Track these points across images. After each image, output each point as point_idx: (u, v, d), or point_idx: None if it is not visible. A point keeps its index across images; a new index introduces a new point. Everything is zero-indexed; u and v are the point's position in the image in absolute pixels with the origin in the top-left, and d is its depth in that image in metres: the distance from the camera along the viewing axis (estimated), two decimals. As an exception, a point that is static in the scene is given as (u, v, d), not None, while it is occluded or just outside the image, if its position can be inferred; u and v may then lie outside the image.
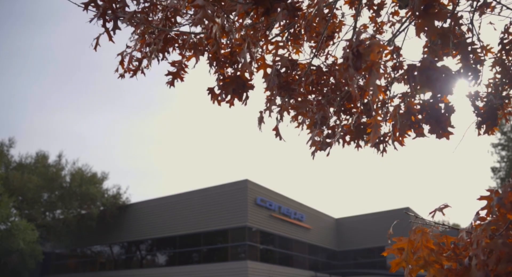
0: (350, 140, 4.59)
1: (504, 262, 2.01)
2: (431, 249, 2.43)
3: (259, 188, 23.78)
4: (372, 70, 1.90)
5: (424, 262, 2.42)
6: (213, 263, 23.07)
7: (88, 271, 29.70)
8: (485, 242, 2.22)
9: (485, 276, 2.10)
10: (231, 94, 3.44)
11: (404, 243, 2.56)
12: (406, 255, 2.48)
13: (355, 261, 31.61)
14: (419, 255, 2.41)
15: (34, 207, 26.55)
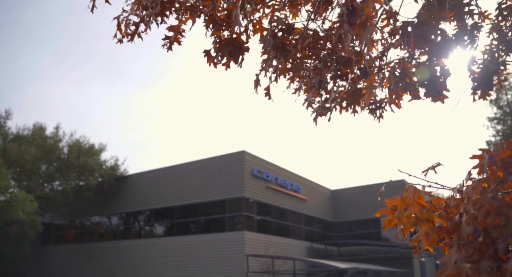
0: (347, 106, 4.61)
1: (493, 215, 2.03)
2: (423, 205, 2.45)
3: (256, 160, 23.89)
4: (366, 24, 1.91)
5: (416, 219, 2.45)
6: (210, 234, 23.35)
7: (87, 242, 30.08)
8: (475, 197, 2.25)
9: (474, 230, 2.12)
10: (227, 56, 3.44)
11: (396, 201, 2.58)
12: (399, 212, 2.51)
13: (350, 232, 32.03)
14: (411, 212, 2.44)
15: (33, 178, 26.67)
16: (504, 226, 1.98)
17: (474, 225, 2.14)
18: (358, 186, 32.05)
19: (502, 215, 2.02)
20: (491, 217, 2.04)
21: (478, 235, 2.06)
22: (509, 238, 1.94)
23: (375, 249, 27.90)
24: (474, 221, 2.15)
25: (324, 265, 20.51)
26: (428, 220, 2.44)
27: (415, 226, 2.51)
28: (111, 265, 27.40)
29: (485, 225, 2.07)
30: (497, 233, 1.99)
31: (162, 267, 24.55)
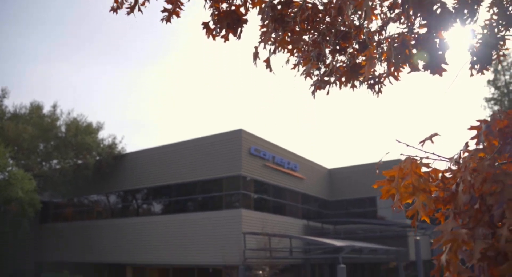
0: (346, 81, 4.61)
1: (490, 182, 2.05)
2: (420, 175, 2.47)
3: (253, 138, 23.92)
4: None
5: (413, 189, 2.46)
6: (208, 212, 23.50)
7: (85, 220, 30.28)
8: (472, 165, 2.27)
9: (470, 198, 2.14)
10: (225, 28, 3.42)
11: (394, 171, 2.59)
12: (396, 182, 2.52)
13: (347, 211, 32.28)
14: (408, 181, 2.46)
15: (31, 157, 26.68)
16: (500, 193, 2.00)
17: (470, 193, 2.15)
18: (355, 165, 32.20)
19: (498, 182, 2.04)
20: (487, 184, 2.05)
21: (475, 203, 2.08)
22: (504, 204, 1.96)
23: (371, 228, 28.20)
24: (471, 189, 2.16)
25: (320, 243, 20.75)
26: (425, 190, 2.45)
27: (412, 196, 2.52)
28: (109, 243, 27.64)
29: (481, 193, 2.09)
30: (493, 200, 2.01)
31: (160, 245, 24.78)
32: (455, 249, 2.04)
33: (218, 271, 22.29)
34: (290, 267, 23.10)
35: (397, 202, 2.56)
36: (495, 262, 1.92)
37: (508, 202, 1.97)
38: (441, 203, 2.43)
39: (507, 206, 1.96)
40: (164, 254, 24.51)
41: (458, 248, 2.04)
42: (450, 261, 2.04)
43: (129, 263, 26.47)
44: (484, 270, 1.91)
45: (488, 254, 1.94)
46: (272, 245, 20.43)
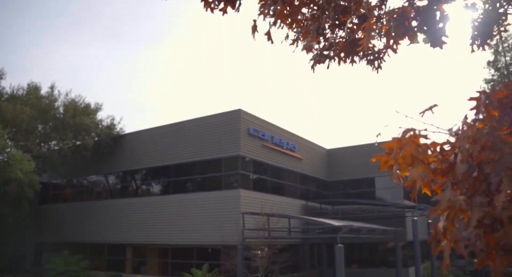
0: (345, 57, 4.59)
1: (488, 150, 2.05)
2: (419, 145, 2.46)
3: (252, 118, 23.88)
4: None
5: (412, 159, 2.45)
6: (207, 192, 23.58)
7: (85, 201, 30.39)
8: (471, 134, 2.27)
9: (468, 167, 2.14)
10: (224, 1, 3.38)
11: (392, 142, 2.57)
12: (395, 153, 2.51)
13: (345, 192, 32.43)
14: (406, 152, 2.45)
15: (29, 138, 26.63)
16: (498, 161, 1.99)
17: (468, 162, 2.15)
18: (353, 145, 32.24)
19: (496, 151, 2.03)
20: (486, 152, 2.04)
21: (473, 171, 2.09)
22: (502, 172, 1.96)
23: (369, 208, 28.36)
24: (469, 158, 2.16)
25: (319, 223, 20.89)
26: (423, 160, 2.44)
27: (410, 167, 2.51)
28: (109, 223, 27.81)
29: (479, 161, 2.10)
30: (491, 168, 2.01)
31: (159, 225, 24.94)
32: (452, 217, 2.05)
33: (217, 250, 22.47)
34: (288, 247, 23.29)
35: (395, 173, 2.55)
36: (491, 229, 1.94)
37: (505, 170, 1.96)
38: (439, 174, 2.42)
39: (504, 174, 1.96)
40: (163, 234, 24.68)
41: (455, 216, 2.05)
42: (447, 229, 2.05)
43: (128, 243, 26.68)
44: (480, 237, 1.93)
45: (485, 222, 1.95)
46: (270, 225, 20.56)
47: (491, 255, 1.93)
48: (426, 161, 2.45)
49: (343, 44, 4.47)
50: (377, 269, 29.99)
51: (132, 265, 26.83)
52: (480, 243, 1.94)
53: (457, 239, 2.01)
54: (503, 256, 1.89)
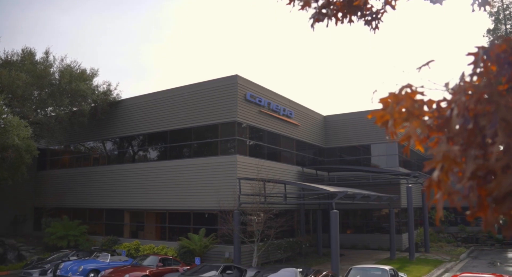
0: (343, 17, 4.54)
1: (484, 102, 2.06)
2: (415, 100, 2.47)
3: (249, 84, 23.78)
4: None
5: (408, 114, 2.45)
6: (203, 157, 23.73)
7: (82, 166, 30.55)
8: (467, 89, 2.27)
9: (464, 121, 2.15)
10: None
11: (389, 97, 2.57)
12: (391, 108, 2.51)
13: (341, 158, 32.66)
14: (402, 106, 2.45)
15: (25, 104, 26.43)
16: (493, 113, 2.01)
17: (464, 115, 2.16)
18: (350, 112, 32.28)
19: (492, 103, 2.04)
20: (481, 105, 2.06)
21: (468, 123, 2.10)
22: (497, 124, 1.98)
23: (364, 175, 28.63)
24: (465, 112, 2.17)
25: (315, 189, 21.11)
26: (419, 116, 2.45)
27: (406, 121, 2.52)
28: (107, 189, 28.06)
29: (475, 114, 2.11)
30: (486, 121, 2.02)
31: (156, 190, 25.18)
32: (447, 168, 2.07)
33: (214, 215, 22.78)
34: (284, 212, 23.60)
35: (391, 127, 2.56)
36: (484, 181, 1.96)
37: (501, 122, 1.98)
38: (434, 130, 2.43)
39: (499, 126, 1.97)
40: (160, 199, 24.95)
41: (449, 168, 2.08)
42: (441, 181, 2.08)
43: (126, 208, 26.99)
44: (473, 189, 1.96)
45: (478, 174, 1.97)
46: (266, 191, 20.78)
47: (483, 207, 1.95)
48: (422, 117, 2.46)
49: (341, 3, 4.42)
50: (371, 235, 30.56)
51: (129, 230, 27.23)
52: (473, 195, 1.97)
53: (450, 192, 2.03)
54: (494, 207, 1.92)
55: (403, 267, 21.13)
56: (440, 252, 27.93)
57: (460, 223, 36.95)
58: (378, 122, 2.60)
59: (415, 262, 23.22)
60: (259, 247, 20.25)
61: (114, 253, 21.78)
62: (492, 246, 33.12)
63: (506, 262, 25.34)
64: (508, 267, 22.99)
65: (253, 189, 20.54)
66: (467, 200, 1.96)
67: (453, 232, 35.91)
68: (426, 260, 24.10)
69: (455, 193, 2.00)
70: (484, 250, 31.57)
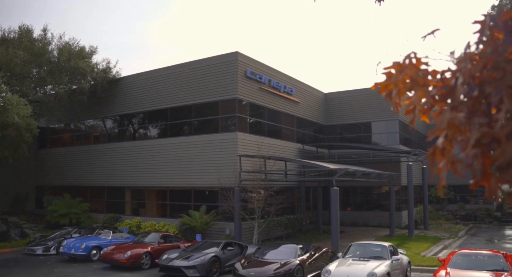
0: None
1: (490, 69, 2.02)
2: (419, 68, 2.42)
3: (249, 61, 23.60)
4: None
5: (412, 83, 2.41)
6: (204, 135, 23.70)
7: (83, 145, 30.59)
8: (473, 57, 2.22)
9: (469, 88, 2.11)
10: None
11: (393, 66, 2.52)
12: (395, 77, 2.46)
13: (341, 136, 32.66)
14: (406, 75, 2.40)
15: (24, 83, 26.26)
16: (499, 80, 1.96)
17: (469, 83, 2.11)
18: (351, 90, 32.15)
19: (499, 69, 2.00)
20: (487, 71, 2.01)
21: (473, 91, 2.06)
22: (503, 91, 1.94)
23: (365, 153, 28.65)
24: (470, 79, 2.13)
25: (315, 166, 21.15)
26: (424, 85, 2.40)
27: (410, 90, 2.47)
28: (107, 167, 28.14)
29: (480, 81, 2.06)
30: (492, 88, 1.98)
31: (157, 168, 25.25)
32: (451, 136, 2.04)
33: (214, 192, 22.89)
34: (284, 189, 23.72)
35: (395, 97, 2.51)
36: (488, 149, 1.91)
37: (507, 89, 1.94)
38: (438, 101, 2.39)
39: (506, 93, 1.93)
40: (161, 176, 25.05)
41: (454, 136, 2.04)
42: (445, 149, 2.02)
43: (127, 186, 27.12)
44: (477, 157, 1.91)
45: (483, 142, 1.94)
46: (267, 168, 20.82)
47: (486, 175, 1.90)
48: (426, 87, 2.41)
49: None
50: (371, 212, 30.77)
51: (131, 207, 27.42)
52: (476, 163, 1.94)
53: (454, 160, 1.99)
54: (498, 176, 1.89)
55: (402, 243, 21.32)
56: (439, 229, 28.17)
57: (459, 201, 37.16)
58: (381, 92, 2.56)
59: (414, 239, 23.43)
60: (260, 224, 20.39)
61: (116, 231, 21.99)
62: (490, 223, 33.44)
63: (504, 239, 25.60)
64: (506, 244, 23.23)
65: (253, 166, 20.57)
66: (470, 168, 1.92)
67: (452, 210, 36.15)
68: (425, 237, 24.31)
69: (458, 161, 1.96)
70: (482, 227, 31.86)
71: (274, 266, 13.87)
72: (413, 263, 16.35)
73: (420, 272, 16.19)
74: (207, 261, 15.40)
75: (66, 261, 18.90)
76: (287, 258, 14.50)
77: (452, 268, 11.91)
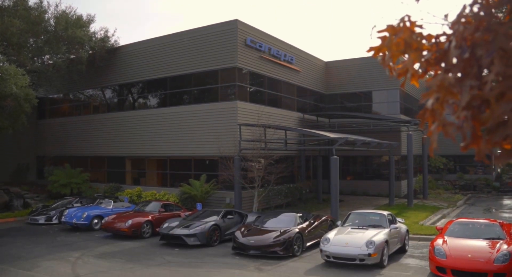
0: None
1: (482, 31, 1.97)
2: (413, 31, 2.36)
3: (249, 29, 23.26)
4: None
5: (405, 46, 2.35)
6: (204, 104, 23.58)
7: (82, 115, 30.53)
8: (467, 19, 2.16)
9: (461, 51, 2.07)
10: None
11: (387, 29, 2.47)
12: (388, 40, 2.41)
13: (342, 105, 32.52)
14: (400, 38, 2.34)
15: (21, 52, 25.96)
16: (491, 42, 1.93)
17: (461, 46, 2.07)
18: (352, 58, 31.79)
19: (491, 31, 1.96)
20: (479, 33, 1.97)
21: (465, 53, 2.02)
22: (494, 53, 1.90)
23: (365, 122, 28.59)
24: (462, 42, 2.08)
25: (315, 135, 21.13)
26: (418, 49, 2.35)
27: (404, 54, 2.42)
28: (107, 136, 28.17)
29: (472, 43, 2.01)
30: (484, 50, 1.95)
31: (156, 137, 25.27)
32: (442, 99, 2.02)
33: (214, 161, 22.96)
34: (284, 158, 23.77)
35: (388, 60, 2.47)
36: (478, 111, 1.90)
37: (498, 51, 1.91)
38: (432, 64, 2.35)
39: (497, 54, 1.90)
40: (161, 146, 25.09)
41: (444, 98, 2.01)
42: (436, 111, 2.02)
43: (127, 156, 27.19)
44: (467, 119, 1.89)
45: (473, 104, 1.92)
46: (267, 137, 20.81)
47: (476, 138, 1.90)
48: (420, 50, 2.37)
49: None
50: (371, 181, 30.94)
51: (131, 177, 27.58)
52: (467, 125, 1.92)
53: (445, 123, 2.00)
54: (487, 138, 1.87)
55: (401, 212, 21.50)
56: (438, 199, 28.37)
57: (459, 171, 37.32)
58: (375, 55, 2.53)
59: (413, 208, 23.62)
60: (260, 192, 20.52)
61: (117, 200, 22.17)
62: (489, 193, 33.70)
63: (501, 208, 25.83)
64: (503, 213, 23.45)
65: (253, 135, 20.56)
66: (461, 131, 1.94)
67: (451, 180, 36.35)
68: (424, 207, 24.51)
69: (449, 124, 1.98)
70: (481, 197, 32.10)
71: (274, 234, 14.00)
72: (411, 232, 16.53)
73: (418, 240, 16.37)
74: (208, 229, 15.57)
75: (68, 230, 19.14)
76: (287, 226, 14.63)
77: (449, 236, 12.10)
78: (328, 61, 32.55)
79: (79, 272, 12.19)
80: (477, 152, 1.88)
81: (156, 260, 13.61)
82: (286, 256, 13.73)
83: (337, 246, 12.45)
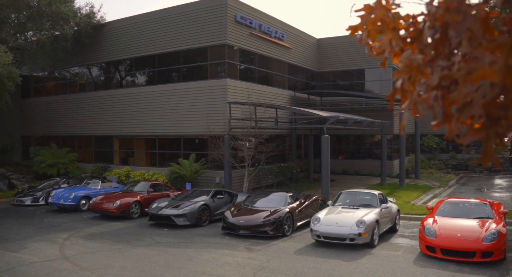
0: None
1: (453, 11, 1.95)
2: (389, 9, 2.30)
3: (239, 5, 22.75)
4: None
5: (382, 25, 2.29)
6: (193, 82, 23.21)
7: (68, 93, 30.00)
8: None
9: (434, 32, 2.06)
10: None
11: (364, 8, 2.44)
12: (365, 19, 2.35)
13: (334, 83, 32.17)
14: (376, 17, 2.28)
15: (3, 28, 25.28)
16: (461, 23, 1.94)
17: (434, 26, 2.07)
18: (344, 35, 31.26)
19: (460, 12, 1.96)
20: (450, 14, 1.98)
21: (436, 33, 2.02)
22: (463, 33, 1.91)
23: (357, 100, 28.33)
24: (435, 23, 2.09)
25: (306, 113, 20.86)
26: (394, 29, 2.31)
27: (380, 33, 2.36)
28: (94, 115, 27.77)
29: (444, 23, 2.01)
30: (454, 30, 1.96)
31: (145, 116, 24.93)
32: (413, 79, 2.04)
33: (204, 140, 22.70)
34: (275, 137, 23.55)
35: (365, 39, 2.44)
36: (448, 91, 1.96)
37: (466, 32, 1.92)
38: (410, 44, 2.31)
39: (465, 36, 1.92)
40: (149, 125, 24.77)
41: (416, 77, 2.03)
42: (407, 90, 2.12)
43: (115, 135, 26.85)
44: (437, 99, 1.95)
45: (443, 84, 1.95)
46: (257, 115, 20.53)
47: (447, 117, 1.96)
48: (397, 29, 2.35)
49: None
50: (363, 161, 30.81)
51: (119, 157, 27.28)
52: (437, 104, 1.95)
53: (416, 101, 2.07)
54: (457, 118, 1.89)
55: (393, 192, 21.44)
56: (430, 178, 28.36)
57: (451, 150, 37.30)
58: (352, 34, 2.58)
59: (404, 188, 23.56)
60: (250, 172, 20.34)
61: (105, 180, 21.93)
62: (481, 173, 33.78)
63: (492, 188, 25.88)
64: (494, 193, 23.47)
65: (243, 114, 20.27)
66: (432, 110, 2.00)
67: (444, 159, 36.36)
68: (416, 186, 24.47)
69: (420, 103, 2.04)
70: (473, 177, 32.18)
71: (264, 214, 13.91)
72: (402, 211, 16.46)
73: (409, 220, 16.32)
74: (197, 209, 15.42)
75: (56, 212, 18.92)
76: (277, 206, 14.54)
77: (439, 216, 12.26)
78: (320, 38, 32.06)
79: (67, 253, 12.01)
80: (448, 130, 1.95)
81: (145, 241, 13.47)
82: (276, 236, 13.66)
83: (327, 225, 12.42)
